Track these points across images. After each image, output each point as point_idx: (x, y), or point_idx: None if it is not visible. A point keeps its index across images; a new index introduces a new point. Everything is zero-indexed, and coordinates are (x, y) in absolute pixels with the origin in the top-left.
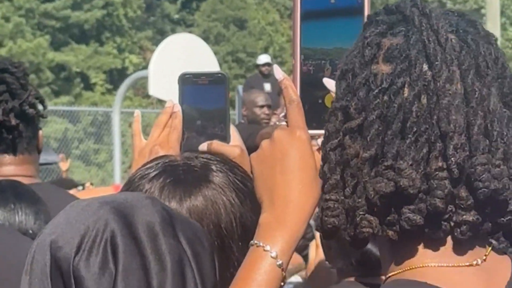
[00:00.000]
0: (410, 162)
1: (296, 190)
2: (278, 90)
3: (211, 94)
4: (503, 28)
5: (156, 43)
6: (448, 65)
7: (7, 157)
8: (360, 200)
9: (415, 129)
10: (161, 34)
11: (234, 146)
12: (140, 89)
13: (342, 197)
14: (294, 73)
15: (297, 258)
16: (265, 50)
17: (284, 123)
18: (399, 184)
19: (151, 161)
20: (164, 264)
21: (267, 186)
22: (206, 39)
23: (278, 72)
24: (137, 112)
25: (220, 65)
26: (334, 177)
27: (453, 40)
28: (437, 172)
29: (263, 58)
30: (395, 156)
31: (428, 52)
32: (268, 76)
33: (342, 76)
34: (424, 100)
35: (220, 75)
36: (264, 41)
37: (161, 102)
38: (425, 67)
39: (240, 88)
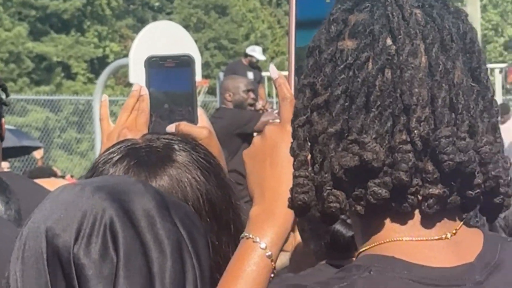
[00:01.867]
0: (374, 136)
1: (285, 182)
2: (258, 79)
3: (178, 77)
4: (484, 10)
5: (137, 31)
6: (411, 38)
7: None
8: (326, 175)
9: (378, 103)
10: (142, 22)
11: (202, 127)
12: (122, 78)
13: (312, 174)
14: (289, 71)
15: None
16: (247, 37)
17: (277, 120)
18: (363, 157)
19: (113, 145)
20: (163, 248)
21: (258, 179)
22: (186, 26)
23: (274, 71)
24: (105, 97)
25: (202, 52)
26: (303, 153)
27: (418, 14)
28: (401, 145)
29: (258, 54)
30: (359, 130)
31: (391, 26)
32: (253, 67)
33: (309, 53)
34: (388, 74)
35: (186, 57)
36: (246, 28)
37: None
38: (389, 41)
39: (221, 75)
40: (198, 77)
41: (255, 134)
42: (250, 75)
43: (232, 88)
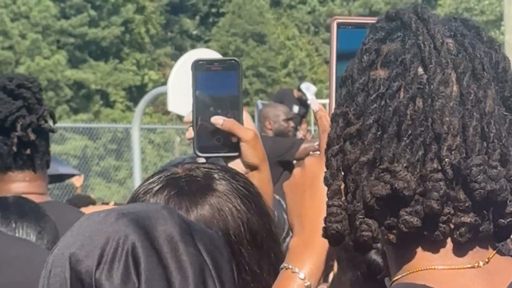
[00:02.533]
0: (405, 165)
1: (324, 214)
2: (302, 114)
3: (224, 80)
4: None
5: (175, 59)
6: (443, 68)
7: (22, 174)
8: (359, 204)
9: (410, 131)
10: (180, 50)
11: (248, 128)
12: (160, 106)
13: (345, 203)
14: (330, 103)
15: None
16: (285, 65)
17: (318, 152)
18: (395, 186)
19: (152, 175)
20: (186, 274)
21: (298, 211)
22: (224, 54)
23: (315, 104)
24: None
25: None
26: (336, 182)
27: (449, 43)
28: (432, 174)
29: (311, 95)
30: (391, 159)
31: (423, 55)
32: (302, 102)
33: (342, 83)
34: (419, 103)
35: (233, 61)
36: (284, 56)
37: (180, 117)
38: (420, 70)
39: (259, 103)
40: None
41: (294, 161)
42: (296, 108)
43: (272, 116)
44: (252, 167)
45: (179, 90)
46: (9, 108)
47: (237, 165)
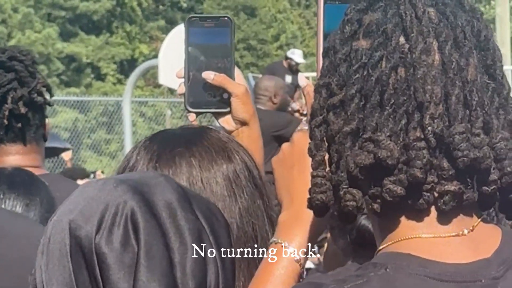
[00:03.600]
0: (388, 134)
1: None
2: (296, 83)
3: (216, 35)
4: None
5: (166, 32)
6: (424, 36)
7: (15, 147)
8: (342, 174)
9: (392, 101)
10: (171, 23)
11: (239, 83)
12: (151, 79)
13: (329, 174)
14: (318, 64)
15: None
16: (276, 38)
17: (306, 127)
18: (378, 155)
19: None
20: (184, 239)
21: (286, 185)
22: None
23: (302, 79)
24: None
25: None
26: (320, 153)
27: (431, 12)
28: (415, 143)
29: (297, 57)
30: (374, 128)
31: (404, 25)
32: (292, 71)
33: (325, 54)
34: (401, 73)
35: (226, 18)
36: (275, 29)
37: (172, 91)
38: (402, 39)
39: (250, 76)
40: None
41: None
42: (289, 78)
43: (275, 90)
44: (242, 123)
45: (170, 63)
46: (0, 80)
47: (226, 121)
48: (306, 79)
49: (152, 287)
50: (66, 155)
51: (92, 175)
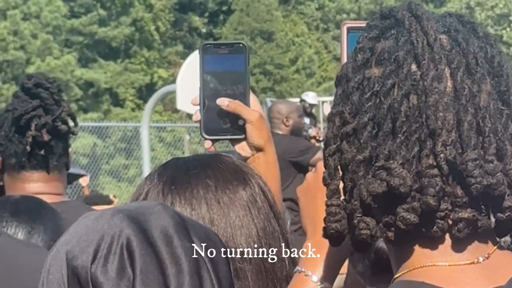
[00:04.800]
0: (401, 162)
1: None
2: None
3: (231, 62)
4: None
5: (184, 57)
6: (436, 63)
7: (37, 174)
8: (356, 202)
9: (404, 128)
10: (189, 48)
11: (253, 110)
12: (169, 104)
13: (344, 202)
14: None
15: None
16: (294, 62)
17: None
18: (391, 183)
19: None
20: (181, 266)
21: (310, 214)
22: None
23: (327, 109)
24: None
25: None
26: (334, 182)
27: (443, 39)
28: (427, 170)
29: (311, 99)
30: (387, 156)
31: (416, 52)
32: (307, 113)
33: (338, 83)
34: (413, 100)
35: (240, 45)
36: (292, 53)
37: (190, 116)
38: (414, 67)
39: (268, 100)
40: None
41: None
42: (307, 120)
43: (287, 113)
44: (257, 149)
45: (188, 88)
46: (25, 106)
47: (242, 147)
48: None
49: None
50: (83, 181)
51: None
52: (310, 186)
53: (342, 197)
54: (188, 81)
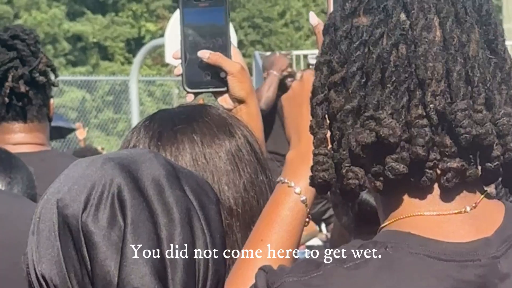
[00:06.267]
0: (390, 112)
1: None
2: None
3: (211, 15)
4: None
5: (173, 11)
6: (425, 13)
7: (17, 124)
8: (345, 152)
9: (393, 78)
10: (177, 2)
11: (234, 62)
12: (158, 58)
13: (331, 151)
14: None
15: (310, 226)
16: (282, 16)
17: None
18: (380, 133)
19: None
20: (172, 215)
21: (295, 123)
22: None
23: (313, 18)
24: None
25: (236, 31)
26: (322, 131)
27: None
28: (417, 120)
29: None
30: (376, 106)
31: (405, 1)
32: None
33: (325, 31)
34: (402, 50)
35: None
36: (281, 6)
37: None
38: (403, 16)
39: (257, 54)
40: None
41: None
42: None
43: (268, 67)
44: (239, 101)
45: (177, 42)
46: (1, 58)
47: (225, 99)
48: (317, 17)
49: (139, 264)
50: (80, 134)
51: None
52: (296, 94)
53: (330, 146)
54: (176, 34)
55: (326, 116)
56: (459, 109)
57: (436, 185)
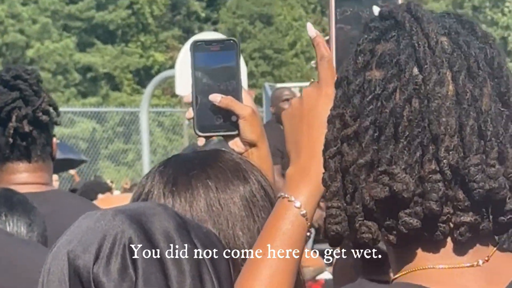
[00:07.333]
0: (403, 167)
1: (321, 143)
2: None
3: (222, 59)
4: None
5: (183, 41)
6: (438, 67)
7: (21, 165)
8: (358, 206)
9: (407, 133)
10: (188, 32)
11: (245, 105)
12: (168, 88)
13: (344, 204)
14: (330, 33)
15: (318, 261)
16: (292, 46)
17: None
18: (393, 188)
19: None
20: (182, 267)
21: (294, 139)
22: (232, 36)
23: (311, 30)
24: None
25: (247, 62)
26: (334, 184)
27: (444, 42)
28: (430, 175)
29: None
30: (389, 161)
31: (418, 56)
32: None
33: (338, 84)
34: (415, 104)
35: (231, 41)
36: (291, 37)
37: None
38: (415, 71)
39: (267, 85)
40: (244, 86)
41: None
42: None
43: (272, 100)
44: (250, 144)
45: (187, 74)
46: (4, 99)
47: (236, 143)
48: (314, 29)
49: None
50: (72, 169)
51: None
52: (295, 111)
53: (342, 199)
54: (187, 66)
55: (339, 169)
56: (472, 164)
57: (449, 239)
